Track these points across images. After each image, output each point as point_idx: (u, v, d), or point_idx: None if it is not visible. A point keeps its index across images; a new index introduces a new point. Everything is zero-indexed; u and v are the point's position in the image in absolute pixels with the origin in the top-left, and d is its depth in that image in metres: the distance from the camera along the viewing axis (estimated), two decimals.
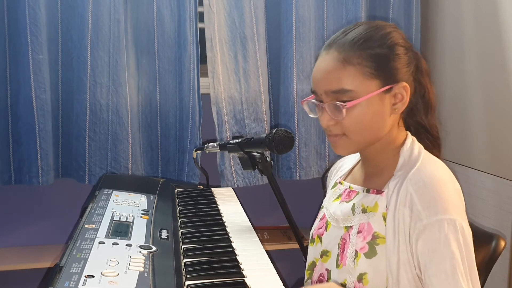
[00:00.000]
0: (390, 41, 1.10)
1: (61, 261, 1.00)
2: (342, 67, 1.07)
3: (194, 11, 2.14)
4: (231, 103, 2.24)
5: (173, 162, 2.23)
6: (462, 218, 1.03)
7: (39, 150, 2.01)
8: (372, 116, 1.09)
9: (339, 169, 1.35)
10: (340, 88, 1.07)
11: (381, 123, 1.11)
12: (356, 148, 1.15)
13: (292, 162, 2.31)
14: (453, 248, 1.00)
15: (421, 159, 1.10)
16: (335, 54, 1.09)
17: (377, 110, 1.09)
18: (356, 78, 1.07)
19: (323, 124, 1.12)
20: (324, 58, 1.11)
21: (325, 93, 1.10)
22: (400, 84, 1.09)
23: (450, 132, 2.34)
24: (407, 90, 1.10)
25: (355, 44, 1.08)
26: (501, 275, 1.94)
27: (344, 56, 1.08)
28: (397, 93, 1.10)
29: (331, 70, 1.08)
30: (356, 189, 1.19)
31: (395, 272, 1.05)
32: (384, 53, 1.09)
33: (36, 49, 1.98)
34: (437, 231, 1.01)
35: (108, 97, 2.08)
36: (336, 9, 2.32)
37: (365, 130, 1.10)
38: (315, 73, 1.13)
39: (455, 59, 2.28)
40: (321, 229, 1.24)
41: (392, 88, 1.09)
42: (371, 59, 1.07)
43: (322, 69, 1.11)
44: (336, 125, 1.10)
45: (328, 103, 1.09)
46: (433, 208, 1.02)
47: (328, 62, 1.10)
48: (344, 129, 1.10)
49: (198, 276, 1.07)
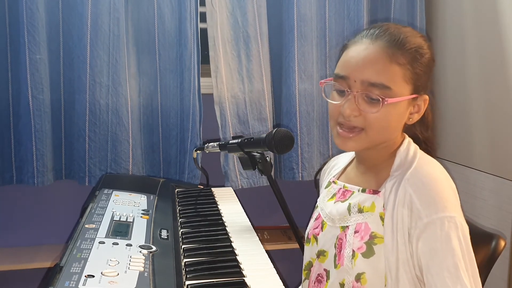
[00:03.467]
0: (430, 55, 1.13)
1: (61, 261, 1.00)
2: (388, 62, 1.07)
3: (194, 10, 2.13)
4: (235, 103, 2.22)
5: (174, 163, 2.22)
6: (460, 216, 1.04)
7: (34, 150, 2.00)
8: (396, 119, 1.10)
9: (332, 168, 1.35)
10: (381, 82, 1.06)
11: (398, 127, 1.13)
12: (367, 145, 1.13)
13: (294, 162, 2.29)
14: (454, 245, 1.00)
15: (417, 159, 1.11)
16: (383, 46, 1.08)
17: (401, 114, 1.11)
18: (397, 78, 1.07)
19: (347, 112, 1.08)
20: (369, 47, 1.08)
21: (361, 81, 1.07)
22: (423, 96, 1.13)
23: (451, 132, 2.34)
24: (426, 103, 1.14)
25: (406, 46, 1.08)
26: (501, 275, 1.94)
27: (393, 52, 1.07)
28: (418, 104, 1.13)
29: (376, 61, 1.07)
30: (351, 189, 1.19)
31: (394, 271, 1.05)
32: (425, 64, 1.11)
33: (34, 49, 1.97)
34: (438, 229, 1.01)
35: (108, 97, 2.07)
36: (338, 8, 2.31)
37: (385, 130, 1.11)
38: (354, 58, 1.09)
39: (456, 59, 2.28)
40: (317, 229, 1.24)
41: (417, 98, 1.12)
42: (414, 66, 1.08)
43: (366, 57, 1.08)
44: (359, 117, 1.09)
45: (362, 92, 1.07)
46: (433, 207, 1.02)
47: (374, 53, 1.08)
48: (367, 124, 1.08)
49: (198, 276, 1.06)
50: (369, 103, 1.07)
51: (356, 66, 1.08)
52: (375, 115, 1.07)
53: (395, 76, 1.07)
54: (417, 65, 1.09)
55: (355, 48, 1.10)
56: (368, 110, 1.07)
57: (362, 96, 1.08)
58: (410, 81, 1.09)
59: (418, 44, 1.10)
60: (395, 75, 1.07)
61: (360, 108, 1.08)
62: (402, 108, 1.10)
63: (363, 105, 1.08)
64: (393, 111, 1.08)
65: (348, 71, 1.09)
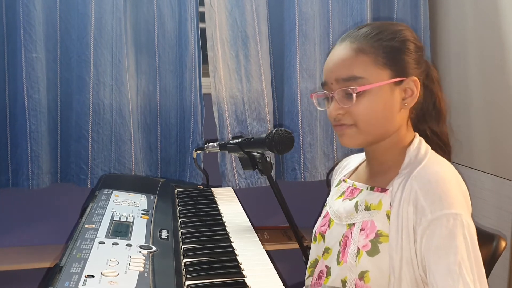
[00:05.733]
0: (402, 36, 1.13)
1: (61, 261, 0.99)
2: (354, 55, 1.10)
3: (195, 11, 2.13)
4: (233, 103, 2.21)
5: (174, 163, 2.22)
6: (467, 215, 1.03)
7: (29, 152, 1.98)
8: (383, 107, 1.10)
9: (344, 167, 1.36)
10: (351, 75, 1.09)
11: (390, 116, 1.12)
12: (363, 139, 1.13)
13: (296, 163, 2.28)
14: (458, 242, 0.98)
15: (427, 159, 1.10)
16: (348, 44, 1.12)
17: (387, 101, 1.10)
18: (367, 66, 1.09)
19: (332, 113, 1.12)
20: (337, 49, 1.14)
21: (335, 81, 1.11)
22: (410, 78, 1.12)
23: (451, 132, 2.34)
24: (417, 85, 1.12)
25: (368, 35, 1.12)
26: (501, 275, 1.94)
27: (357, 45, 1.11)
28: (407, 88, 1.12)
29: (343, 58, 1.11)
30: (360, 187, 1.20)
31: (397, 270, 1.05)
32: (396, 46, 1.12)
33: (30, 48, 1.95)
34: (442, 226, 1.00)
35: (112, 97, 2.06)
36: (341, 6, 2.30)
37: (375, 120, 1.11)
38: (327, 63, 1.15)
39: (457, 60, 2.28)
40: (324, 227, 1.24)
41: (403, 81, 1.11)
42: (383, 50, 1.10)
43: (334, 58, 1.13)
44: (345, 114, 1.11)
45: (338, 90, 1.11)
46: (438, 204, 1.01)
47: (341, 52, 1.13)
48: (355, 118, 1.10)
49: (198, 276, 1.06)
50: (347, 98, 1.10)
51: (330, 68, 1.14)
52: (357, 107, 1.09)
53: (365, 65, 1.09)
54: (385, 48, 1.10)
55: (329, 55, 1.17)
56: (346, 104, 1.10)
57: (340, 94, 1.11)
58: (385, 66, 1.10)
59: (391, 30, 1.13)
60: (364, 64, 1.09)
61: (342, 106, 1.10)
62: (385, 95, 1.10)
63: (343, 101, 1.11)
64: (375, 99, 1.09)
65: (325, 76, 1.15)
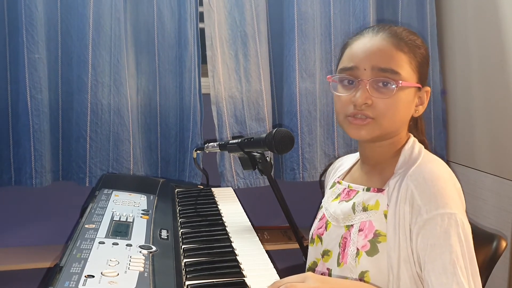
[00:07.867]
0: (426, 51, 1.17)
1: (61, 261, 0.99)
2: (394, 50, 1.10)
3: (195, 11, 2.13)
4: (232, 102, 2.21)
5: (174, 162, 2.22)
6: (462, 214, 1.03)
7: (32, 151, 1.99)
8: (405, 107, 1.12)
9: (338, 169, 1.36)
10: (390, 67, 1.09)
11: (406, 119, 1.15)
12: (379, 134, 1.12)
13: (295, 163, 2.27)
14: (453, 242, 1.00)
15: (421, 157, 1.12)
16: (386, 37, 1.12)
17: (409, 103, 1.13)
18: (405, 65, 1.10)
19: (359, 101, 1.09)
20: (373, 38, 1.12)
21: (371, 68, 1.09)
22: (425, 88, 1.15)
23: (451, 132, 2.34)
24: (428, 96, 1.16)
25: (406, 37, 1.13)
26: (501, 275, 1.94)
27: (398, 42, 1.11)
28: (421, 96, 1.15)
29: (384, 49, 1.10)
30: (356, 188, 1.20)
31: (395, 269, 1.05)
32: (425, 55, 1.15)
33: (32, 48, 1.96)
34: (437, 226, 1.01)
35: (110, 97, 2.06)
36: (343, 5, 2.29)
37: (396, 117, 1.11)
38: (361, 49, 1.12)
39: (459, 60, 2.28)
40: (321, 229, 1.24)
41: (421, 89, 1.14)
42: (417, 55, 1.12)
43: (372, 46, 1.11)
44: (369, 106, 1.09)
45: (376, 79, 1.09)
46: (433, 203, 1.02)
47: (379, 42, 1.11)
48: (378, 112, 1.09)
49: (198, 276, 1.06)
50: (380, 90, 1.09)
51: (364, 55, 1.11)
52: (386, 101, 1.08)
53: (402, 62, 1.10)
54: (418, 55, 1.13)
55: (359, 42, 1.14)
56: (380, 96, 1.09)
57: (373, 84, 1.09)
58: (416, 69, 1.12)
59: (414, 38, 1.15)
60: (402, 61, 1.10)
61: (372, 96, 1.09)
62: (410, 96, 1.12)
63: (374, 93, 1.09)
64: (403, 97, 1.10)
65: (356, 61, 1.11)
